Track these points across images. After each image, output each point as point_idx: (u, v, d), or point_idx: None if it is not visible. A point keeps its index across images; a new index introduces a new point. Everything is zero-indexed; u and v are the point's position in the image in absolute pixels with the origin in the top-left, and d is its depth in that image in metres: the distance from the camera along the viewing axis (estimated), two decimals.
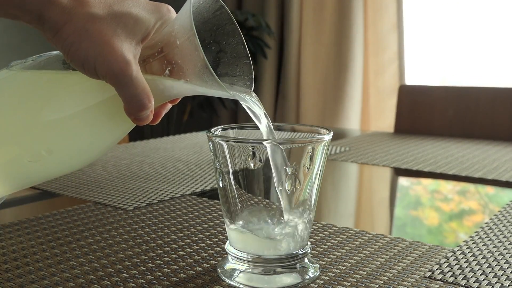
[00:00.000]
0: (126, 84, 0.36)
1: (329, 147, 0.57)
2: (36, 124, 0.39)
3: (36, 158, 0.39)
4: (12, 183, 0.42)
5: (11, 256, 0.46)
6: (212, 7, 0.42)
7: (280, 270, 0.41)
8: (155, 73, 0.40)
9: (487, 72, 2.04)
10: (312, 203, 0.42)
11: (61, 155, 0.40)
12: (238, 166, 0.41)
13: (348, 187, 0.82)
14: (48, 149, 0.39)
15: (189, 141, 1.09)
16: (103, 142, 0.42)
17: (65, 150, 0.40)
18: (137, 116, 0.38)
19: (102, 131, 0.41)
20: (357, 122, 2.21)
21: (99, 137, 0.41)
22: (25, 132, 0.39)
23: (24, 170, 0.41)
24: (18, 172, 0.41)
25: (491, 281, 0.42)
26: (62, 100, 0.39)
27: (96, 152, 0.42)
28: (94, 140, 0.41)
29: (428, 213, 0.66)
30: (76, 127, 0.39)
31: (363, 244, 0.50)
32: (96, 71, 0.36)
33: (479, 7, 2.02)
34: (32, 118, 0.39)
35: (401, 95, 1.35)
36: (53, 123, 0.39)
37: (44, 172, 0.42)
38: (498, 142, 1.10)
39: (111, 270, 0.43)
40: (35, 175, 0.42)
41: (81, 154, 0.41)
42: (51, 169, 0.42)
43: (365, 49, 2.19)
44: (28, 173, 0.41)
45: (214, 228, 0.54)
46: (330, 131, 0.42)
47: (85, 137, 0.40)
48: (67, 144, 0.40)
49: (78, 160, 0.42)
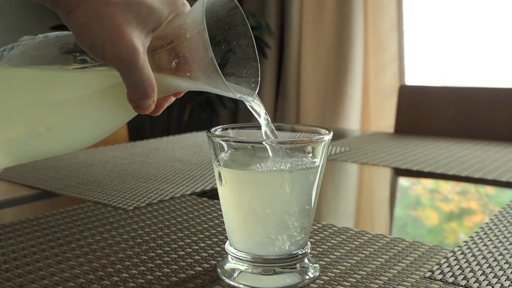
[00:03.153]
0: (132, 71, 0.36)
1: (329, 147, 0.57)
2: (37, 102, 0.39)
3: (34, 134, 0.40)
4: (11, 156, 0.43)
5: (11, 256, 0.46)
6: (226, 6, 0.42)
7: (280, 270, 0.41)
8: (162, 65, 0.40)
9: (487, 72, 2.04)
10: (312, 203, 0.42)
11: (59, 134, 0.40)
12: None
13: (348, 187, 0.82)
14: (47, 127, 0.39)
15: (189, 141, 1.09)
16: (102, 127, 0.42)
17: (64, 130, 0.40)
18: (139, 104, 0.38)
19: (102, 116, 0.41)
20: (357, 122, 2.21)
21: (98, 121, 0.41)
22: (26, 109, 0.39)
23: (22, 144, 0.41)
24: (17, 146, 0.41)
25: (491, 281, 0.42)
26: (65, 82, 0.39)
27: (95, 136, 0.42)
28: (94, 124, 0.41)
29: (428, 213, 0.66)
30: (77, 109, 0.39)
31: (363, 244, 0.50)
32: (103, 55, 0.36)
33: (479, 8, 2.02)
34: (34, 96, 0.39)
35: (401, 95, 1.35)
36: (54, 104, 0.39)
37: (42, 149, 0.42)
38: (498, 142, 1.10)
39: (111, 270, 0.43)
40: (33, 151, 0.42)
41: (80, 136, 0.42)
42: (49, 147, 0.42)
43: (365, 49, 2.19)
44: (26, 148, 0.42)
45: (214, 228, 0.54)
46: (330, 131, 0.42)
47: (85, 120, 0.40)
48: (67, 125, 0.40)
49: (77, 142, 0.42)
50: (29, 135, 0.40)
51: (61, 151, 0.44)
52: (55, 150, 0.43)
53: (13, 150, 0.42)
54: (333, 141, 1.08)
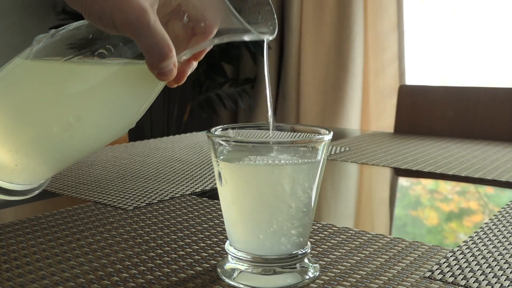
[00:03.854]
0: (144, 33, 0.36)
1: (329, 147, 0.57)
2: (60, 94, 0.40)
3: (65, 127, 0.40)
4: (48, 161, 0.43)
5: (11, 256, 0.46)
6: None
7: (280, 270, 0.41)
8: (175, 28, 0.40)
9: (487, 72, 2.04)
10: (312, 203, 0.42)
11: (89, 122, 0.41)
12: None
13: (348, 187, 0.82)
14: (76, 116, 0.40)
15: (189, 141, 1.09)
16: (129, 110, 0.42)
17: (93, 117, 0.41)
18: (160, 68, 0.37)
19: (127, 102, 0.41)
20: (357, 122, 2.21)
21: (124, 108, 0.41)
22: (51, 103, 0.40)
23: (56, 144, 0.41)
24: (50, 146, 0.42)
25: (491, 281, 0.42)
26: (89, 72, 0.40)
27: (122, 124, 0.43)
28: (119, 111, 0.41)
29: (428, 213, 0.66)
30: (102, 94, 0.40)
31: (363, 244, 0.50)
32: (113, 24, 0.36)
33: (479, 8, 2.02)
34: (60, 88, 0.40)
35: (401, 95, 1.35)
36: (80, 94, 0.40)
37: (77, 144, 0.42)
38: (498, 142, 1.10)
39: (111, 270, 0.43)
40: (69, 149, 0.43)
41: (108, 125, 0.42)
42: (83, 141, 0.42)
43: (365, 49, 2.19)
44: (61, 147, 0.42)
45: (214, 228, 0.54)
46: (330, 131, 0.42)
47: (110, 107, 0.41)
48: (94, 113, 0.41)
49: (106, 132, 0.43)
50: (61, 128, 0.40)
51: (92, 145, 0.44)
52: (87, 146, 0.44)
53: (48, 151, 0.42)
54: (333, 141, 1.08)
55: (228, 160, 0.41)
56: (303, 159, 0.40)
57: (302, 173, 0.40)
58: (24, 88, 0.41)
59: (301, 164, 0.40)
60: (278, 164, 0.40)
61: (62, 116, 0.40)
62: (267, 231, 0.41)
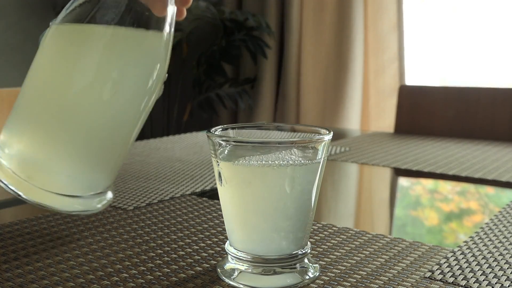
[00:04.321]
0: None
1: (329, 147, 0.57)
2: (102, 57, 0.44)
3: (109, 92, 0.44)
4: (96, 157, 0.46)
5: (11, 256, 0.46)
6: None
7: (280, 270, 0.41)
8: None
9: (487, 72, 2.04)
10: (312, 203, 0.42)
11: (124, 93, 0.45)
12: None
13: (348, 187, 0.82)
14: (114, 82, 0.44)
15: (189, 141, 1.09)
16: (151, 75, 0.46)
17: (128, 81, 0.45)
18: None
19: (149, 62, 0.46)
20: (357, 122, 2.21)
21: (148, 69, 0.46)
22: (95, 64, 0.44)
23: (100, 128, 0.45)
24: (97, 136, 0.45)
25: (491, 281, 0.42)
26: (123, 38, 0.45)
27: (148, 88, 0.46)
28: (145, 72, 0.45)
29: (428, 213, 0.66)
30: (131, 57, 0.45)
31: (363, 244, 0.50)
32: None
33: (479, 8, 2.02)
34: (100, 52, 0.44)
35: (401, 96, 1.35)
36: (113, 55, 0.44)
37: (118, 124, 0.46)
38: (498, 143, 1.10)
39: (110, 270, 0.43)
40: (112, 138, 0.46)
41: (140, 87, 0.46)
42: (123, 116, 0.46)
43: (365, 49, 2.19)
44: (108, 133, 0.45)
45: (214, 228, 0.54)
46: (330, 131, 0.42)
47: (138, 68, 0.45)
48: (128, 75, 0.45)
49: (140, 96, 0.46)
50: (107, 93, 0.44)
51: (131, 122, 0.47)
52: (123, 128, 0.47)
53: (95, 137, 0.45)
54: (333, 141, 1.08)
55: (228, 160, 0.41)
56: (303, 159, 0.40)
57: (302, 173, 0.40)
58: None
59: (301, 164, 0.40)
60: (278, 164, 0.40)
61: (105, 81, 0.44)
62: (267, 231, 0.41)
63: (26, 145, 0.44)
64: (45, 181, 0.44)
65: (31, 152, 0.44)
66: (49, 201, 0.43)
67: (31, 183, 0.43)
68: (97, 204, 0.47)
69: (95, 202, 0.47)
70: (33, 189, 0.43)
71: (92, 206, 0.47)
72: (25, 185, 0.43)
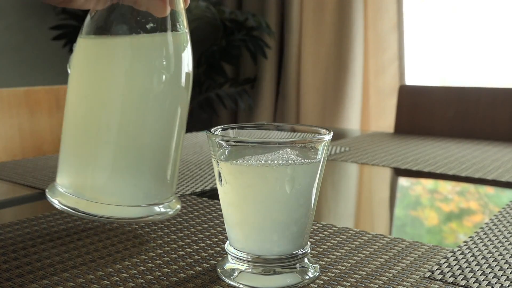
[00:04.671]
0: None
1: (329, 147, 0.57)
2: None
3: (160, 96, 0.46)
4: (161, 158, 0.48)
5: (11, 256, 0.46)
6: None
7: (280, 270, 0.41)
8: None
9: (487, 72, 2.04)
10: (312, 203, 0.42)
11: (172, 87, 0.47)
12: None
13: (348, 187, 0.82)
14: (147, 89, 0.46)
15: (189, 141, 1.09)
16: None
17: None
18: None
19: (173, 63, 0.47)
20: (357, 122, 2.21)
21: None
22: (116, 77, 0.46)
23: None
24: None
25: (491, 281, 0.42)
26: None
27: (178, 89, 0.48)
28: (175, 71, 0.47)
29: (428, 213, 0.66)
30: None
31: (363, 244, 0.50)
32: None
33: (479, 8, 2.02)
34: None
35: (401, 96, 1.35)
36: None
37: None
38: (498, 143, 1.10)
39: (110, 270, 0.43)
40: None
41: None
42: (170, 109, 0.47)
43: (365, 49, 2.19)
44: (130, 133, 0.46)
45: (214, 228, 0.54)
46: (330, 131, 0.42)
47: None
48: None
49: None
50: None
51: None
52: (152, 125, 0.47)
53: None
54: (333, 141, 1.08)
55: (228, 160, 0.41)
56: (303, 159, 0.40)
57: (302, 173, 0.40)
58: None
59: (301, 164, 0.40)
60: (278, 164, 0.40)
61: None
62: (267, 231, 0.41)
63: (82, 171, 0.47)
64: (109, 197, 0.47)
65: (89, 174, 0.47)
66: (118, 213, 0.46)
67: (97, 202, 0.46)
68: (162, 210, 0.49)
69: (160, 208, 0.49)
70: (100, 206, 0.46)
71: (158, 212, 0.49)
72: (94, 205, 0.46)
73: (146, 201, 0.48)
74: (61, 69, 2.43)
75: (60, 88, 1.15)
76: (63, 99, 1.13)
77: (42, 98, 1.11)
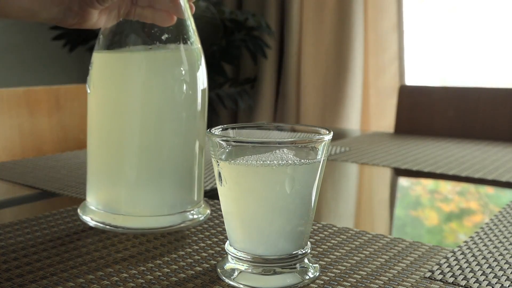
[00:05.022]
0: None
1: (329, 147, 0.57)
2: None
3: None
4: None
5: (11, 256, 0.46)
6: None
7: (280, 270, 0.41)
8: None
9: (487, 72, 2.04)
10: (312, 203, 0.42)
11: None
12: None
13: (348, 187, 0.82)
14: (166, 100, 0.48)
15: None
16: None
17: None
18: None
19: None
20: (357, 122, 2.21)
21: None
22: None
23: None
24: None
25: (491, 281, 0.42)
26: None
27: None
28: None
29: (428, 213, 0.66)
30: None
31: (363, 244, 0.50)
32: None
33: (478, 8, 2.02)
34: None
35: (401, 96, 1.34)
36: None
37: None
38: (498, 143, 1.10)
39: (110, 270, 0.43)
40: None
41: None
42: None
43: (365, 49, 2.19)
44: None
45: (214, 228, 0.54)
46: (330, 131, 0.42)
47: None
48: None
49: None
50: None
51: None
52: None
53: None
54: (333, 141, 1.08)
55: (228, 160, 0.41)
56: (303, 159, 0.40)
57: (302, 173, 0.40)
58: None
59: (301, 164, 0.40)
60: (278, 164, 0.40)
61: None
62: (267, 231, 0.41)
63: (112, 188, 0.49)
64: (143, 209, 0.48)
65: (120, 190, 0.49)
66: (153, 224, 0.48)
67: (132, 215, 0.48)
68: (195, 216, 0.51)
69: (192, 215, 0.51)
70: (135, 219, 0.48)
71: (190, 218, 0.50)
72: (130, 219, 0.48)
73: (178, 209, 0.49)
74: (61, 69, 2.43)
75: (60, 88, 1.15)
76: (63, 99, 1.13)
77: (42, 98, 1.11)
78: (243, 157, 0.40)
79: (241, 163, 0.40)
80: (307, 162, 0.40)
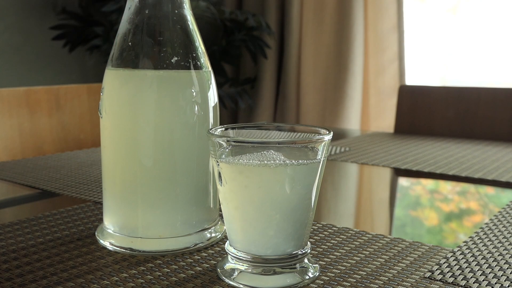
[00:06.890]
0: None
1: (329, 147, 0.57)
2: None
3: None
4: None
5: (11, 256, 0.46)
6: None
7: (280, 270, 0.41)
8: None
9: (487, 72, 2.04)
10: (312, 203, 0.42)
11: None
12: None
13: (348, 187, 0.82)
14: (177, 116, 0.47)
15: None
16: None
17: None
18: None
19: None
20: (357, 122, 2.21)
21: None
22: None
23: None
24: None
25: (491, 281, 0.42)
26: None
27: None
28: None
29: (428, 213, 0.66)
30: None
31: (363, 244, 0.50)
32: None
33: (479, 8, 2.02)
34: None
35: (401, 95, 1.35)
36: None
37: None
38: (498, 143, 1.10)
39: (110, 270, 0.43)
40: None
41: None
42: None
43: (365, 49, 2.19)
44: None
45: None
46: (330, 131, 0.42)
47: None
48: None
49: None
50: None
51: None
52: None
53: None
54: (333, 141, 1.08)
55: (228, 160, 0.41)
56: (303, 159, 0.40)
57: (302, 173, 0.40)
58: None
59: (301, 164, 0.40)
60: (278, 164, 0.40)
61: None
62: (267, 231, 0.41)
63: (129, 211, 0.49)
64: (161, 231, 0.48)
65: (137, 213, 0.48)
66: (172, 246, 0.48)
67: (151, 238, 0.48)
68: (213, 234, 0.51)
69: (210, 233, 0.51)
70: (154, 241, 0.48)
71: (208, 237, 0.50)
72: (148, 242, 0.48)
73: (195, 228, 0.49)
74: (61, 69, 2.43)
75: (60, 88, 1.15)
76: (63, 99, 1.13)
77: (42, 98, 1.11)
78: (243, 157, 0.40)
79: (241, 163, 0.40)
80: (307, 162, 0.40)
